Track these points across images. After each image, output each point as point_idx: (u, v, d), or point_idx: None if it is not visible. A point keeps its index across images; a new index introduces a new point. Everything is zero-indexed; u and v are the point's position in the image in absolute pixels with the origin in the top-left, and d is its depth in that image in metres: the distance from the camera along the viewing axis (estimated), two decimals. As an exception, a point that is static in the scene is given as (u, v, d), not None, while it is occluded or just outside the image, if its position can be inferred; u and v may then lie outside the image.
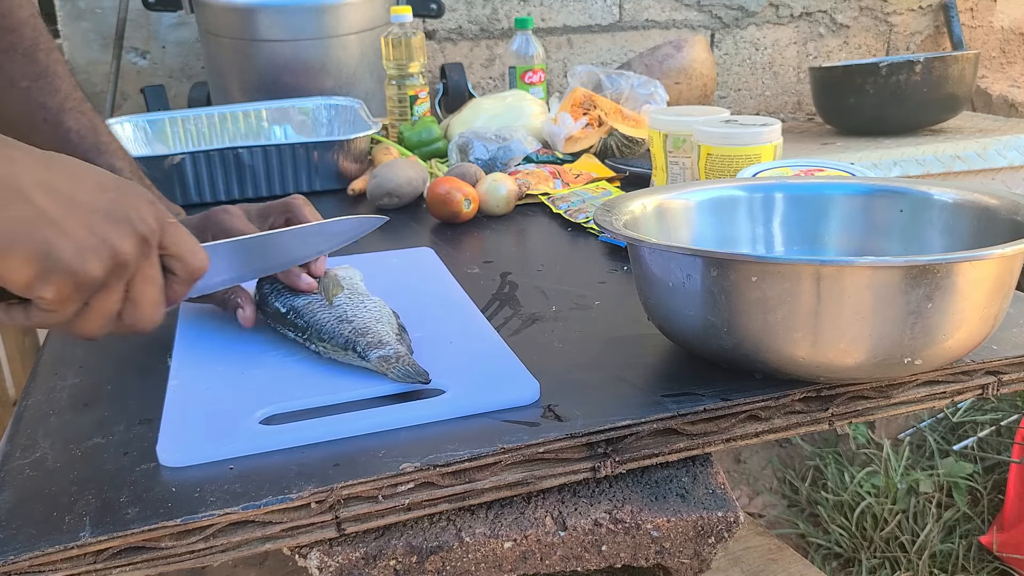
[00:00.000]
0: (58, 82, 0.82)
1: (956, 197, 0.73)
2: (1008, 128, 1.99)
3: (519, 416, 0.61)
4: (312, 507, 0.54)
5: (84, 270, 0.48)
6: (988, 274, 0.59)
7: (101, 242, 0.49)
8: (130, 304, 0.53)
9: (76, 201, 0.49)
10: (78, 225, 0.48)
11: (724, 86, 2.42)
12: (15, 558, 0.49)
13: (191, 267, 0.56)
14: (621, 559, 0.59)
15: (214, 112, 1.47)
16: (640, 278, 0.69)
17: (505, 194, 1.15)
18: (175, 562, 0.52)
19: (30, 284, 0.47)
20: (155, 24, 2.06)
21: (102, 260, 0.49)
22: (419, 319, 0.75)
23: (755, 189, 0.80)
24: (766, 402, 0.62)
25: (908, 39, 2.50)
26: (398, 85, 1.55)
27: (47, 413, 0.66)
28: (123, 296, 0.52)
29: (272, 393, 0.65)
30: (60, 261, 0.47)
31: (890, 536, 1.69)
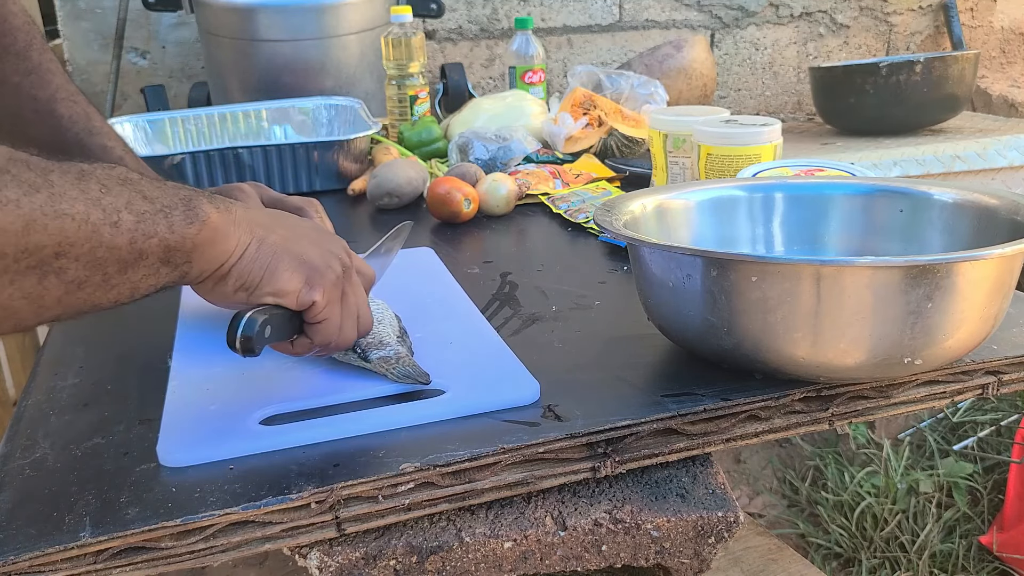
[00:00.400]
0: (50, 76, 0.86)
1: (956, 197, 0.73)
2: (1008, 128, 1.99)
3: (519, 416, 0.61)
4: (312, 507, 0.54)
5: (331, 269, 0.59)
6: (988, 274, 0.59)
7: (328, 251, 0.60)
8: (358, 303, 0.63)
9: (297, 229, 0.60)
10: (311, 243, 0.59)
11: (724, 86, 2.42)
12: (15, 558, 0.49)
13: (368, 275, 0.67)
14: (621, 559, 0.59)
15: (214, 112, 1.47)
16: (640, 278, 0.69)
17: (505, 194, 1.15)
18: (175, 562, 0.52)
19: (301, 292, 0.57)
20: (155, 24, 2.06)
21: (337, 261, 0.60)
22: (419, 319, 0.75)
23: (755, 189, 0.80)
24: (766, 402, 0.62)
25: (908, 39, 2.50)
26: (398, 85, 1.55)
27: (47, 413, 0.66)
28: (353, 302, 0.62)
29: (272, 394, 0.65)
30: (315, 266, 0.58)
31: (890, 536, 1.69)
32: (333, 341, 0.61)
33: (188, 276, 0.52)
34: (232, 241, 0.53)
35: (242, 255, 0.54)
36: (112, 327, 0.82)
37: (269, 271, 0.56)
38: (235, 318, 0.55)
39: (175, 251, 0.50)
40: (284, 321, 0.58)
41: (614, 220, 0.70)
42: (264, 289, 0.56)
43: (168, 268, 0.50)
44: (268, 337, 0.56)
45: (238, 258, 0.54)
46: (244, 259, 0.54)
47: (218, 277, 0.54)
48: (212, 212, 0.52)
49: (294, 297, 0.57)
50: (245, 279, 0.55)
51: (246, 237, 0.55)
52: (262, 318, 0.55)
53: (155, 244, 0.48)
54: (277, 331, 0.57)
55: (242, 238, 0.54)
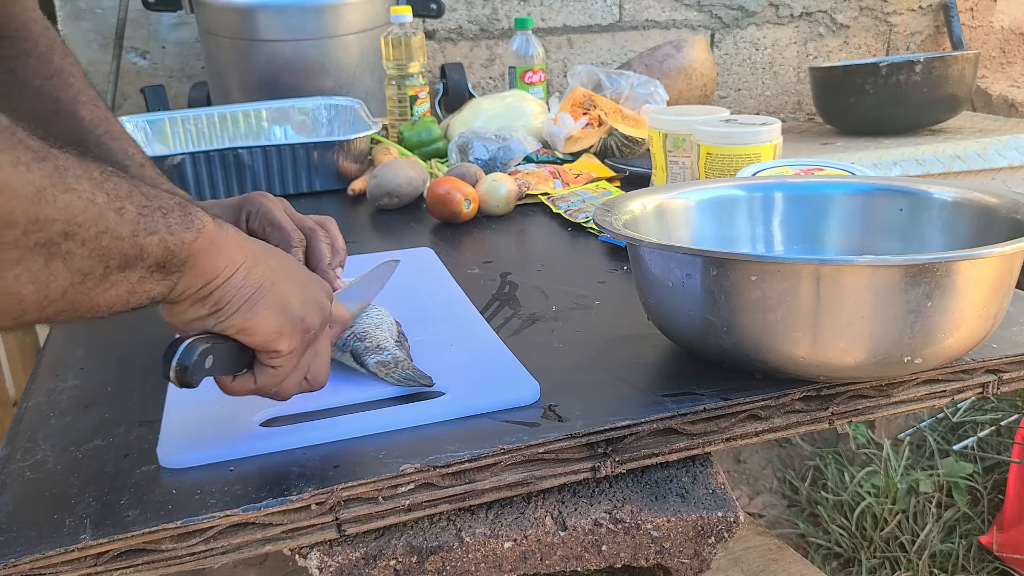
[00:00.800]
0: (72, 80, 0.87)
1: (956, 196, 0.73)
2: (1008, 128, 1.98)
3: (519, 416, 0.61)
4: (312, 508, 0.54)
5: (308, 320, 0.56)
6: (988, 273, 0.59)
7: (313, 299, 0.57)
8: (316, 359, 0.59)
9: (287, 267, 0.57)
10: (297, 287, 0.56)
11: (724, 86, 2.42)
12: (16, 560, 0.49)
13: (343, 320, 0.64)
14: (621, 559, 0.59)
15: (214, 112, 1.47)
16: (640, 278, 0.69)
17: (505, 194, 1.15)
18: (176, 564, 0.52)
19: (270, 335, 0.53)
20: (155, 24, 2.06)
21: (317, 314, 0.57)
22: (419, 321, 0.75)
23: (755, 188, 0.80)
24: (766, 401, 0.62)
25: (908, 39, 2.50)
26: (398, 85, 1.55)
27: (48, 415, 0.66)
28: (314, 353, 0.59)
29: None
30: (294, 314, 0.55)
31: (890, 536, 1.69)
32: (274, 389, 0.57)
33: (174, 290, 0.50)
34: (224, 259, 0.51)
35: (230, 277, 0.51)
36: (112, 329, 0.82)
37: (249, 303, 0.52)
38: (172, 344, 0.51)
39: (172, 255, 0.48)
40: (230, 354, 0.54)
41: (614, 220, 0.70)
42: (235, 320, 0.52)
43: (160, 275, 0.48)
44: (209, 368, 0.52)
45: (225, 280, 0.51)
46: (230, 282, 0.51)
47: (198, 297, 0.51)
48: (208, 221, 0.50)
49: (261, 338, 0.53)
50: (223, 304, 0.52)
51: (238, 258, 0.52)
52: (202, 347, 0.51)
53: (155, 243, 0.46)
54: (220, 363, 0.53)
55: (234, 258, 0.52)
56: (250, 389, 0.56)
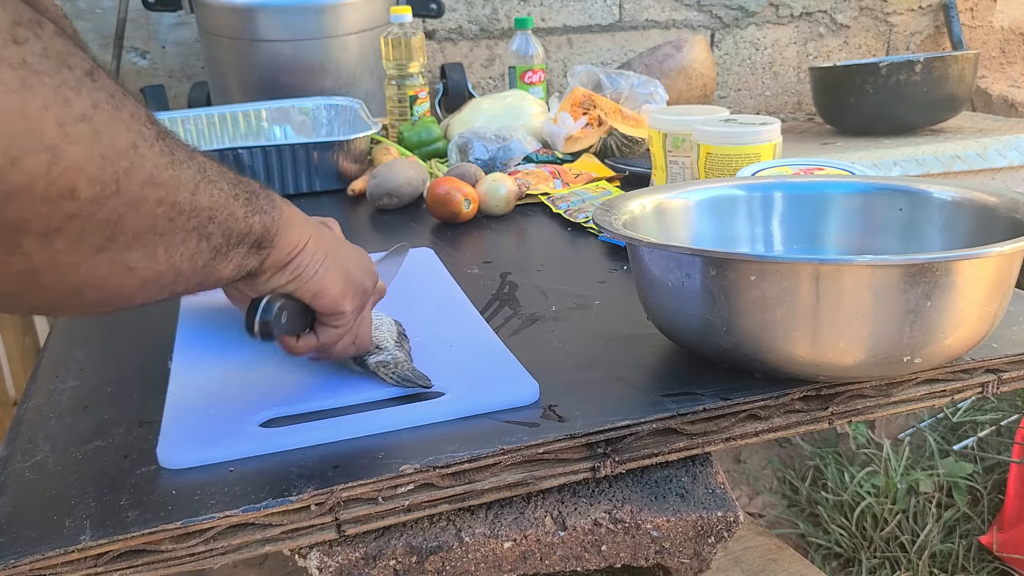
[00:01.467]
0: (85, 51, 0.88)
1: (955, 195, 0.73)
2: (1008, 128, 1.98)
3: (519, 417, 0.61)
4: (312, 509, 0.54)
5: (366, 284, 0.63)
6: (987, 272, 0.59)
7: (364, 268, 0.63)
8: (362, 323, 0.65)
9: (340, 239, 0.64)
10: (351, 255, 0.63)
11: (724, 86, 2.42)
12: (16, 562, 0.49)
13: (381, 290, 0.69)
14: (621, 559, 0.59)
15: (214, 112, 1.47)
16: (640, 278, 0.69)
17: (505, 194, 1.15)
18: (175, 565, 0.52)
19: (338, 297, 0.60)
20: (155, 24, 2.06)
21: (370, 279, 0.63)
22: (419, 321, 0.75)
23: (754, 188, 0.80)
24: (766, 401, 0.62)
25: (908, 39, 2.50)
26: (398, 85, 1.55)
27: (47, 416, 0.66)
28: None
29: (272, 396, 0.65)
30: (355, 277, 0.61)
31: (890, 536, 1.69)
32: (334, 347, 0.63)
33: (265, 263, 0.55)
34: (298, 232, 0.56)
35: (305, 246, 0.57)
36: (112, 329, 0.82)
37: (322, 268, 0.58)
38: (254, 302, 0.57)
39: (267, 232, 0.53)
40: (298, 313, 0.59)
41: (613, 220, 0.70)
42: (311, 284, 0.58)
43: (255, 250, 0.53)
44: (284, 324, 0.58)
45: (300, 251, 0.57)
46: (306, 250, 0.57)
47: (280, 266, 0.56)
48: (283, 201, 0.56)
49: (331, 300, 0.59)
50: (301, 271, 0.57)
51: (307, 231, 0.57)
52: (279, 302, 0.57)
53: (258, 222, 0.52)
54: (291, 321, 0.59)
55: (304, 231, 0.57)
56: (312, 347, 0.62)
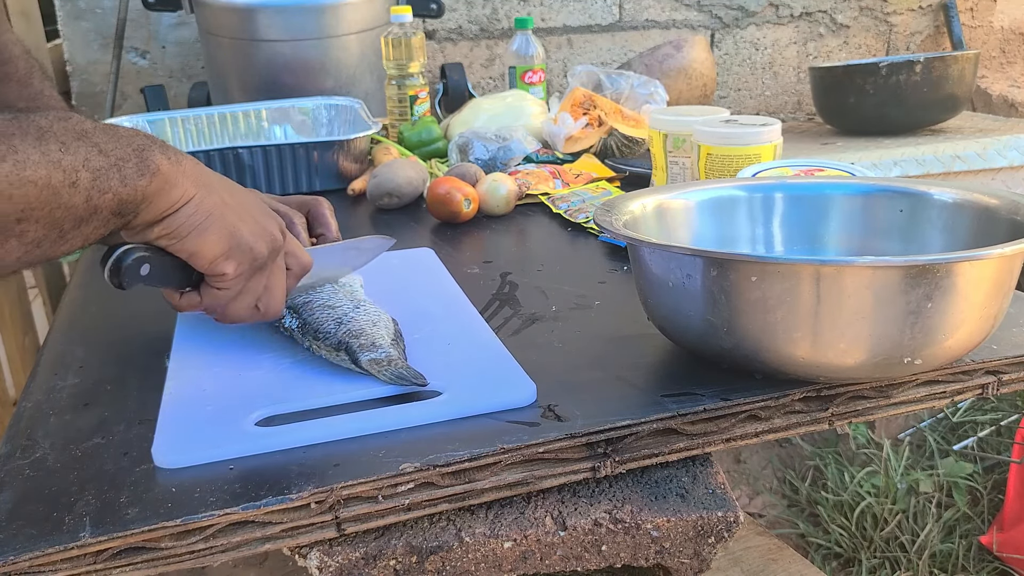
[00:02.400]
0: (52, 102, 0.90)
1: (956, 197, 0.73)
2: (1008, 128, 1.98)
3: (519, 416, 0.61)
4: (312, 507, 0.54)
5: (256, 248, 0.60)
6: (988, 274, 0.59)
7: (263, 230, 0.61)
8: (267, 292, 0.64)
9: (243, 200, 0.61)
10: (248, 217, 0.60)
11: (724, 86, 2.42)
12: (15, 558, 0.49)
13: (303, 262, 0.68)
14: (621, 559, 0.59)
15: (214, 112, 1.47)
16: (640, 278, 0.69)
17: (505, 194, 1.15)
18: (175, 562, 0.52)
19: (218, 259, 0.58)
20: (155, 24, 2.06)
21: (266, 243, 0.61)
22: (418, 321, 0.75)
23: (755, 189, 0.80)
24: (766, 402, 0.62)
25: (908, 39, 2.50)
26: (398, 85, 1.55)
27: (47, 413, 0.66)
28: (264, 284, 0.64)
29: (268, 395, 0.65)
30: (243, 240, 0.59)
31: (890, 536, 1.69)
32: (221, 310, 0.63)
33: (132, 223, 0.54)
34: (178, 192, 0.55)
35: (182, 207, 0.56)
36: (112, 327, 0.82)
37: (199, 230, 0.57)
38: (110, 249, 0.57)
39: (127, 203, 0.52)
40: (172, 268, 0.59)
41: (614, 220, 0.70)
42: (186, 244, 0.57)
43: (117, 218, 0.53)
44: (146, 276, 0.58)
45: (176, 210, 0.56)
46: (182, 211, 0.56)
47: (152, 222, 0.55)
48: (163, 162, 0.54)
49: (208, 262, 0.58)
50: (172, 230, 0.56)
51: (192, 190, 0.56)
52: (138, 254, 0.56)
53: (109, 199, 0.51)
54: (159, 274, 0.59)
55: (188, 190, 0.56)
56: (195, 305, 0.62)
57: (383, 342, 0.67)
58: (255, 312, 0.64)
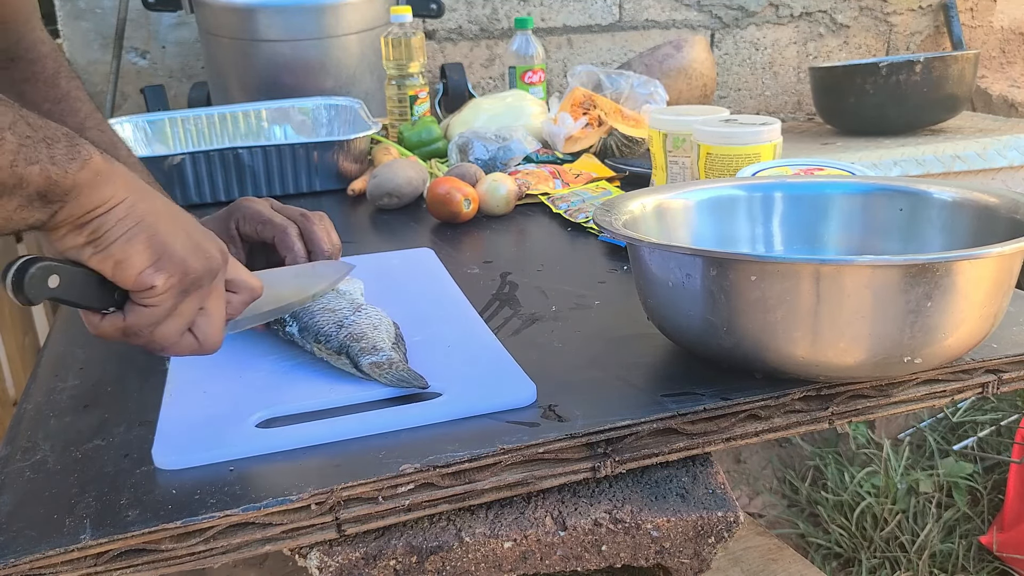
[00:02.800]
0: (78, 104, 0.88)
1: (955, 196, 0.73)
2: (1008, 128, 1.98)
3: (519, 417, 0.61)
4: (312, 508, 0.54)
5: (189, 263, 0.55)
6: (987, 273, 0.59)
7: (198, 246, 0.56)
8: (203, 316, 0.58)
9: (178, 216, 0.57)
10: (183, 231, 0.56)
11: (724, 86, 2.42)
12: (16, 561, 0.49)
13: (251, 286, 0.63)
14: (621, 559, 0.59)
15: (214, 112, 1.47)
16: (640, 278, 0.69)
17: (505, 194, 1.15)
18: (175, 564, 0.52)
19: (145, 271, 0.53)
20: (155, 24, 2.06)
21: (200, 260, 0.56)
22: (418, 322, 0.75)
23: (754, 188, 0.80)
24: (766, 401, 0.62)
25: (908, 39, 2.50)
26: (398, 85, 1.55)
27: (47, 415, 0.66)
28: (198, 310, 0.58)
29: (269, 396, 0.65)
30: (173, 253, 0.54)
31: (890, 536, 1.69)
32: (147, 333, 0.56)
33: (55, 217, 0.51)
34: (109, 190, 0.52)
35: (112, 208, 0.52)
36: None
37: (127, 235, 0.53)
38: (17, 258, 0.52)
39: (55, 185, 0.49)
40: (88, 283, 0.54)
41: (614, 220, 0.70)
42: (112, 251, 0.52)
43: (41, 204, 0.49)
44: (55, 289, 0.52)
45: (107, 210, 0.52)
46: (112, 213, 0.52)
47: (77, 224, 0.52)
48: (96, 155, 0.52)
49: (135, 272, 0.53)
50: (100, 235, 0.52)
51: (122, 192, 0.53)
52: (44, 263, 0.52)
53: (36, 172, 0.48)
54: (75, 291, 0.53)
55: (119, 192, 0.53)
56: (119, 328, 0.55)
57: (384, 345, 0.67)
58: (191, 341, 0.58)
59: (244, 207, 0.79)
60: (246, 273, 0.63)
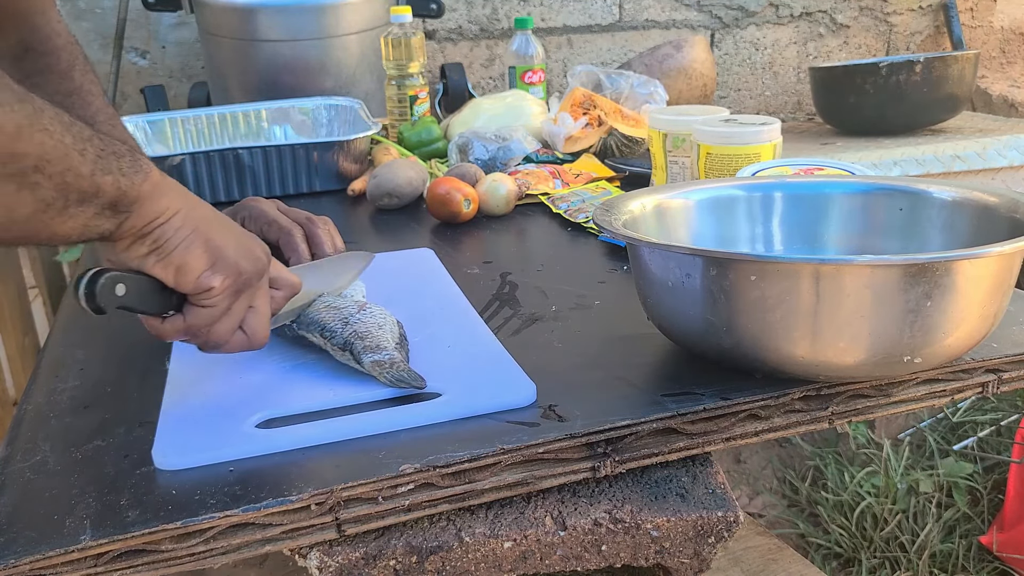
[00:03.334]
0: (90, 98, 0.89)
1: (955, 195, 0.73)
2: (1008, 128, 1.98)
3: (519, 416, 0.61)
4: (312, 509, 0.54)
5: (241, 266, 0.59)
6: (987, 272, 0.59)
7: (247, 249, 0.61)
8: (252, 314, 0.62)
9: (225, 222, 0.61)
10: (232, 236, 0.60)
11: (724, 86, 2.42)
12: (16, 561, 0.49)
13: (291, 282, 0.67)
14: (621, 559, 0.59)
15: (214, 112, 1.47)
16: (639, 278, 0.69)
17: (505, 194, 1.15)
18: (175, 564, 0.52)
19: (203, 274, 0.57)
20: (155, 24, 2.06)
21: (250, 262, 0.60)
22: (418, 322, 0.75)
23: (754, 188, 0.80)
24: (766, 401, 0.62)
25: (908, 39, 2.50)
26: (398, 85, 1.55)
27: (48, 416, 0.66)
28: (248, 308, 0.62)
29: (269, 397, 0.65)
30: (227, 257, 0.59)
31: (890, 536, 1.69)
32: (204, 332, 0.60)
33: (122, 227, 0.54)
34: (167, 201, 0.56)
35: (170, 218, 0.56)
36: (112, 329, 0.82)
37: (185, 243, 0.57)
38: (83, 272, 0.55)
39: (124, 195, 0.52)
40: (151, 290, 0.57)
41: (613, 220, 0.70)
42: (173, 258, 0.57)
43: (111, 213, 0.53)
44: (122, 297, 0.56)
45: (166, 220, 0.56)
46: (171, 223, 0.56)
47: (141, 235, 0.55)
48: (153, 168, 0.55)
49: (195, 276, 0.57)
50: (162, 243, 0.56)
51: (178, 203, 0.56)
52: (111, 274, 0.55)
53: (110, 182, 0.51)
54: (139, 299, 0.57)
55: (175, 202, 0.56)
56: (180, 329, 0.60)
57: (387, 345, 0.67)
58: (241, 337, 0.62)
59: (251, 206, 0.80)
60: (286, 271, 0.67)
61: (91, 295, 0.55)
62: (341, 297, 0.74)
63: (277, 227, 0.78)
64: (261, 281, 0.63)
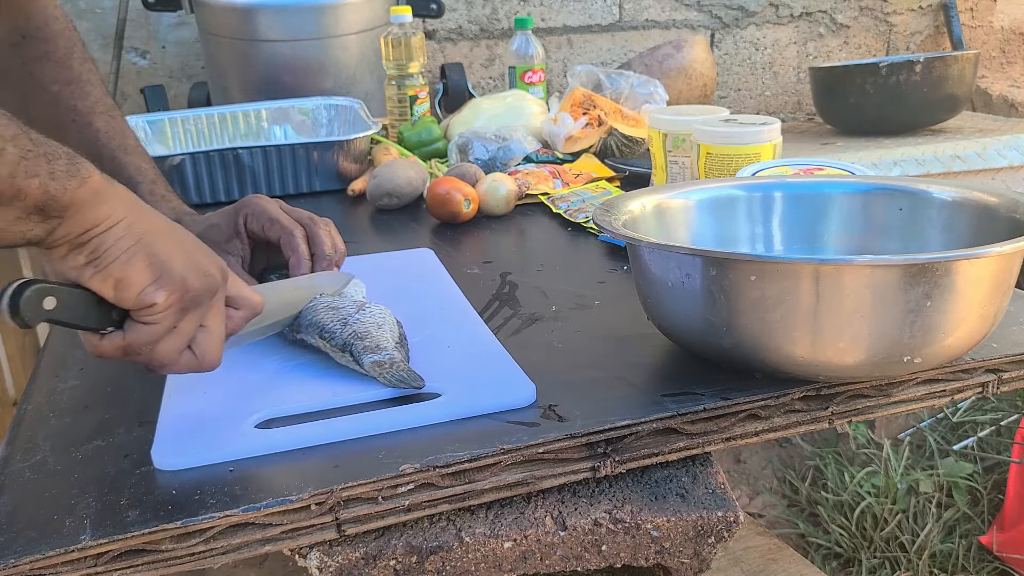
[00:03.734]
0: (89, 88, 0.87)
1: (955, 195, 0.73)
2: (1008, 128, 1.98)
3: (519, 417, 0.61)
4: (312, 509, 0.54)
5: (188, 282, 0.55)
6: (987, 272, 0.59)
7: (196, 265, 0.56)
8: (203, 334, 0.58)
9: (177, 234, 0.57)
10: (182, 250, 0.56)
11: (724, 86, 2.42)
12: (16, 561, 0.49)
13: (252, 302, 0.63)
14: (621, 559, 0.59)
15: (214, 112, 1.47)
16: (639, 278, 0.69)
17: (505, 194, 1.15)
18: (176, 564, 0.52)
19: (145, 289, 0.54)
20: (155, 24, 2.06)
21: (199, 279, 0.56)
22: (418, 322, 0.75)
23: (754, 188, 0.80)
24: (766, 401, 0.62)
25: (908, 39, 2.50)
26: (398, 85, 1.55)
27: (47, 415, 0.66)
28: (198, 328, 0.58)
29: (268, 397, 0.65)
30: (172, 271, 0.55)
31: (890, 536, 1.69)
32: (147, 351, 0.56)
33: (54, 234, 0.51)
34: (108, 209, 0.52)
35: (111, 227, 0.53)
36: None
37: (126, 254, 0.53)
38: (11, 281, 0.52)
39: (53, 200, 0.49)
40: (86, 304, 0.54)
41: (613, 220, 0.70)
42: (112, 270, 0.53)
43: (39, 218, 0.50)
44: (52, 311, 0.52)
45: (106, 229, 0.52)
46: (111, 232, 0.53)
47: (76, 243, 0.52)
48: (95, 175, 0.52)
49: (136, 291, 0.54)
50: (100, 254, 0.52)
51: (121, 211, 0.53)
52: (40, 285, 0.52)
53: (35, 186, 0.48)
54: (73, 313, 0.53)
55: (118, 211, 0.53)
56: (118, 347, 0.56)
57: (387, 345, 0.67)
58: (190, 358, 0.58)
59: (253, 204, 0.79)
60: (247, 290, 0.63)
61: (15, 308, 0.51)
62: (340, 297, 0.74)
63: (279, 226, 0.78)
64: (214, 299, 0.58)
